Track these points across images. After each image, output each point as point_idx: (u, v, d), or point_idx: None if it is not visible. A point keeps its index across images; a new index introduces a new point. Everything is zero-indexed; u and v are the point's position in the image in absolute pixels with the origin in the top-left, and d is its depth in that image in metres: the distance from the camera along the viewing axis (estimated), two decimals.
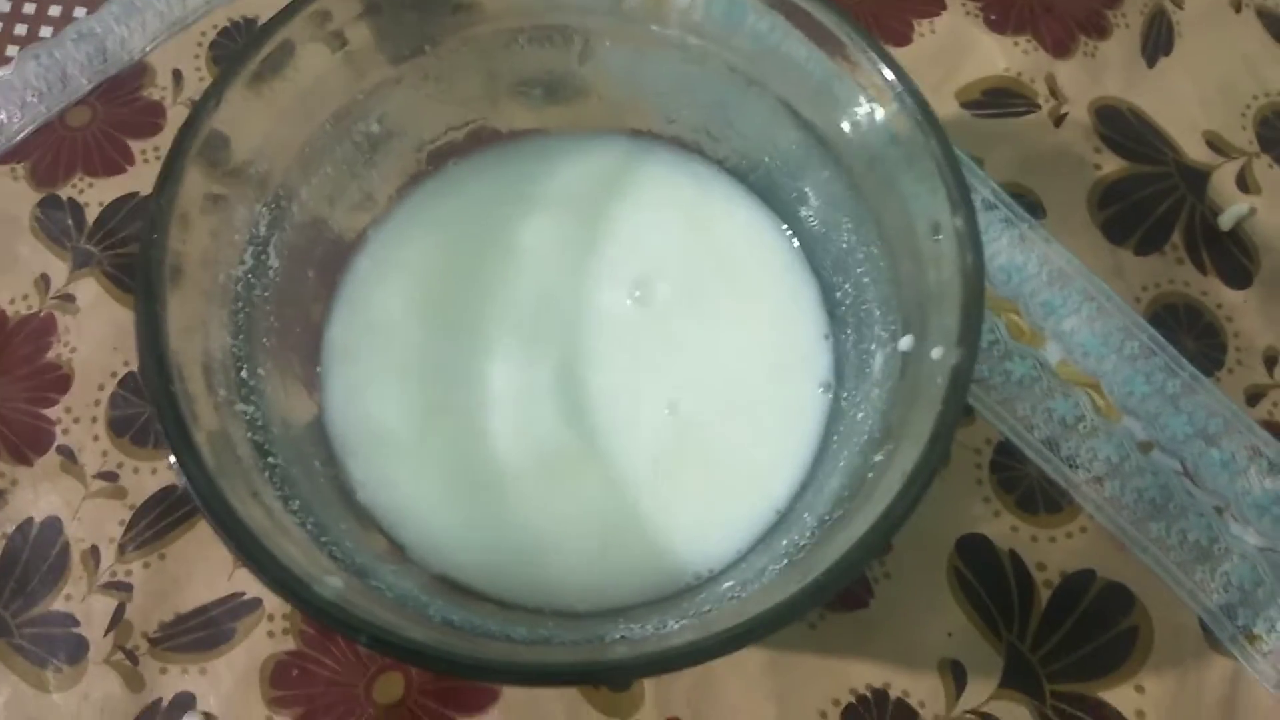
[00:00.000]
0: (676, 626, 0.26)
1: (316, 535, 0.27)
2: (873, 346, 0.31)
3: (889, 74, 0.29)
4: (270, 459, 0.28)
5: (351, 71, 0.32)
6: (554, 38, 0.34)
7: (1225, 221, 0.42)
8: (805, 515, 0.29)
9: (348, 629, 0.23)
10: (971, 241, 0.26)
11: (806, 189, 0.34)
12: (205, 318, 0.27)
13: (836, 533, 0.26)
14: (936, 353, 0.26)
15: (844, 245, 0.33)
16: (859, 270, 0.32)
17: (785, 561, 0.27)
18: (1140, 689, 0.35)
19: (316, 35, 0.30)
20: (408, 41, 0.33)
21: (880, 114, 0.29)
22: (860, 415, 0.30)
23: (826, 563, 0.24)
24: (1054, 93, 0.44)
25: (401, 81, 0.33)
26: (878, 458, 0.27)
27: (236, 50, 0.28)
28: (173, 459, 0.24)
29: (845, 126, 0.31)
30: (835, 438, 0.32)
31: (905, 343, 0.29)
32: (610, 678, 0.28)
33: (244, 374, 0.28)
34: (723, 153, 0.37)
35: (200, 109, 0.28)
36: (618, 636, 0.26)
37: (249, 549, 0.23)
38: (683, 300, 0.34)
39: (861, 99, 0.30)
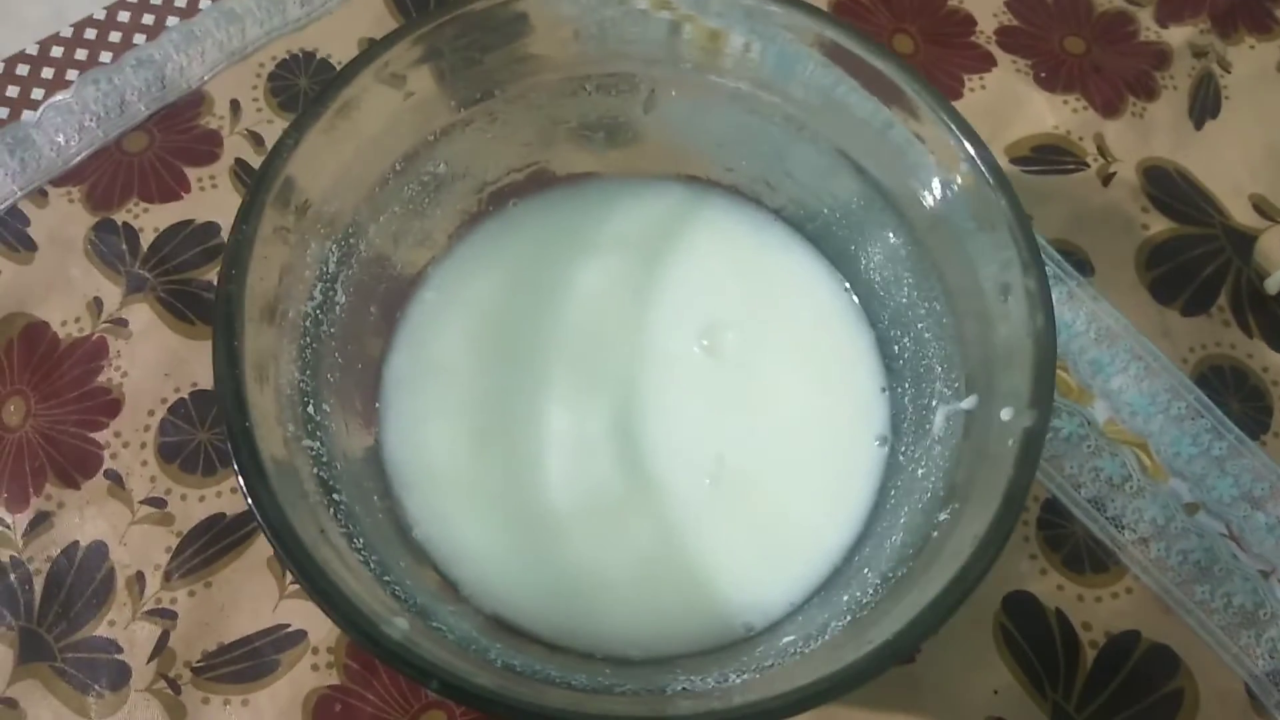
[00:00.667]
0: (739, 681, 0.26)
1: (380, 574, 0.27)
2: (934, 403, 0.31)
3: (957, 130, 0.29)
4: (335, 495, 0.28)
5: (421, 115, 0.32)
6: (620, 85, 0.34)
7: (1272, 285, 0.42)
8: (866, 571, 0.29)
9: (419, 673, 0.23)
10: (1043, 303, 0.26)
11: (866, 241, 0.34)
12: (276, 353, 0.28)
13: (903, 592, 0.26)
14: (1006, 414, 0.26)
15: (904, 300, 0.33)
16: (919, 325, 0.32)
17: (849, 618, 0.27)
18: None
19: (385, 82, 0.30)
20: (477, 86, 0.33)
21: (948, 171, 0.29)
22: (920, 472, 0.30)
23: (897, 624, 0.24)
24: (1102, 152, 0.44)
25: (470, 125, 0.34)
26: (943, 516, 0.27)
27: (312, 97, 0.29)
28: (246, 493, 0.24)
29: (909, 182, 0.31)
30: (893, 493, 0.32)
31: (970, 402, 0.29)
32: None
33: (310, 409, 0.29)
34: (780, 202, 0.37)
35: (276, 152, 0.28)
36: (679, 688, 0.26)
37: (322, 587, 0.23)
38: (745, 349, 0.34)
39: (927, 155, 0.30)
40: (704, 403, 0.34)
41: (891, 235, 0.32)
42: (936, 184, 0.30)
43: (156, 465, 0.37)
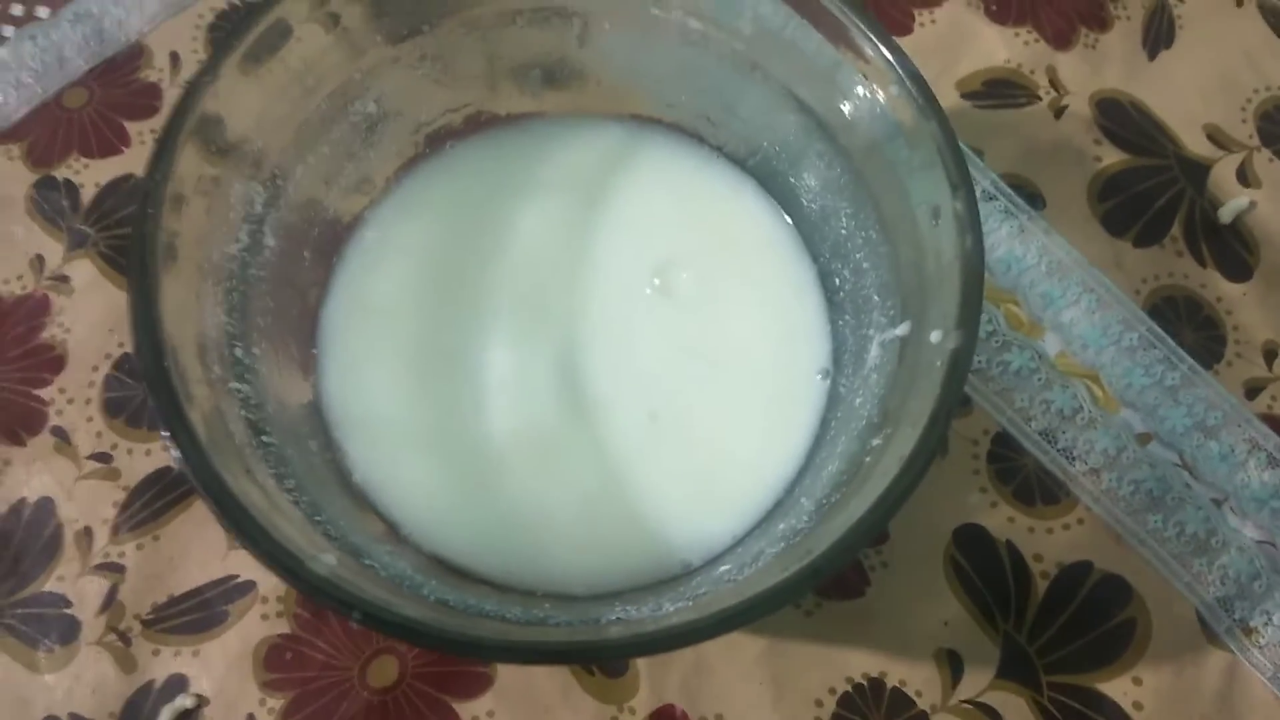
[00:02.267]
0: (672, 609, 0.26)
1: (311, 514, 0.27)
2: (871, 332, 0.31)
3: (890, 57, 0.29)
4: (265, 438, 0.27)
5: (347, 51, 0.32)
6: (553, 19, 0.34)
7: (1225, 215, 0.42)
8: (803, 500, 0.29)
9: (340, 605, 0.22)
10: (971, 224, 0.26)
11: (805, 174, 0.34)
12: (199, 295, 0.27)
13: (833, 516, 0.26)
14: (935, 336, 0.26)
15: (843, 231, 0.32)
16: (858, 256, 0.32)
17: (782, 545, 0.27)
18: (1138, 681, 0.35)
19: (311, 14, 0.30)
20: (405, 21, 0.33)
21: (881, 97, 0.29)
22: (859, 401, 0.30)
23: (823, 545, 0.24)
24: (1054, 84, 0.44)
25: (399, 61, 0.33)
26: (875, 442, 0.27)
27: (230, 28, 0.28)
28: (166, 435, 0.23)
29: (846, 110, 0.31)
30: (833, 424, 0.31)
31: (903, 328, 0.28)
32: (603, 657, 0.28)
33: (238, 352, 0.28)
34: (722, 138, 0.36)
35: (193, 88, 0.27)
36: (614, 618, 0.26)
37: (242, 525, 0.23)
38: (696, 287, 0.34)
39: (862, 83, 0.30)
40: (649, 341, 0.33)
41: (829, 166, 0.32)
42: (870, 110, 0.30)
43: (102, 420, 0.37)
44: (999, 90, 0.44)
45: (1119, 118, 0.43)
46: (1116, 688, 0.35)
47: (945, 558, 0.36)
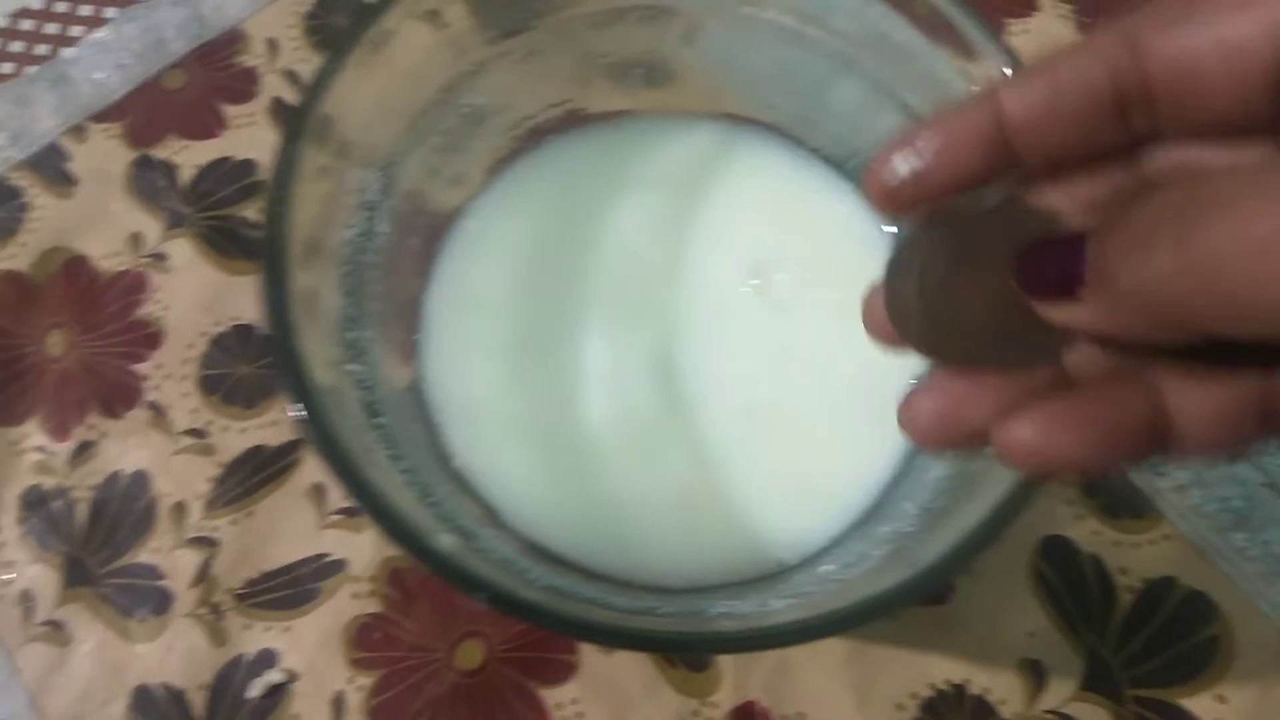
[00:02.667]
0: (780, 605, 0.26)
1: (423, 496, 0.27)
2: None
3: (1004, 61, 0.29)
4: (378, 419, 0.28)
5: (457, 48, 0.32)
6: (660, 17, 0.34)
7: None
8: (905, 504, 0.29)
9: (470, 584, 0.23)
10: None
11: None
12: (322, 277, 0.28)
13: (943, 522, 0.26)
14: None
15: None
16: None
17: (888, 548, 0.27)
18: (1221, 698, 0.34)
19: (421, 14, 0.30)
20: (512, 17, 0.33)
21: None
22: None
23: (938, 550, 0.24)
24: None
25: (508, 56, 0.33)
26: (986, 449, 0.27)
27: (345, 31, 0.29)
28: (295, 411, 0.24)
29: None
30: None
31: None
32: (721, 649, 0.28)
33: (353, 335, 0.29)
34: (820, 139, 0.37)
35: (317, 83, 0.28)
36: (719, 611, 0.26)
37: (373, 500, 0.23)
38: (792, 289, 0.34)
39: (969, 83, 0.30)
40: (746, 340, 0.34)
41: None
42: None
43: (198, 397, 0.38)
44: None
45: None
46: (1200, 704, 0.34)
47: (1030, 568, 0.36)
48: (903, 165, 0.19)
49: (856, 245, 0.35)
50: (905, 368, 0.33)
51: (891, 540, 0.27)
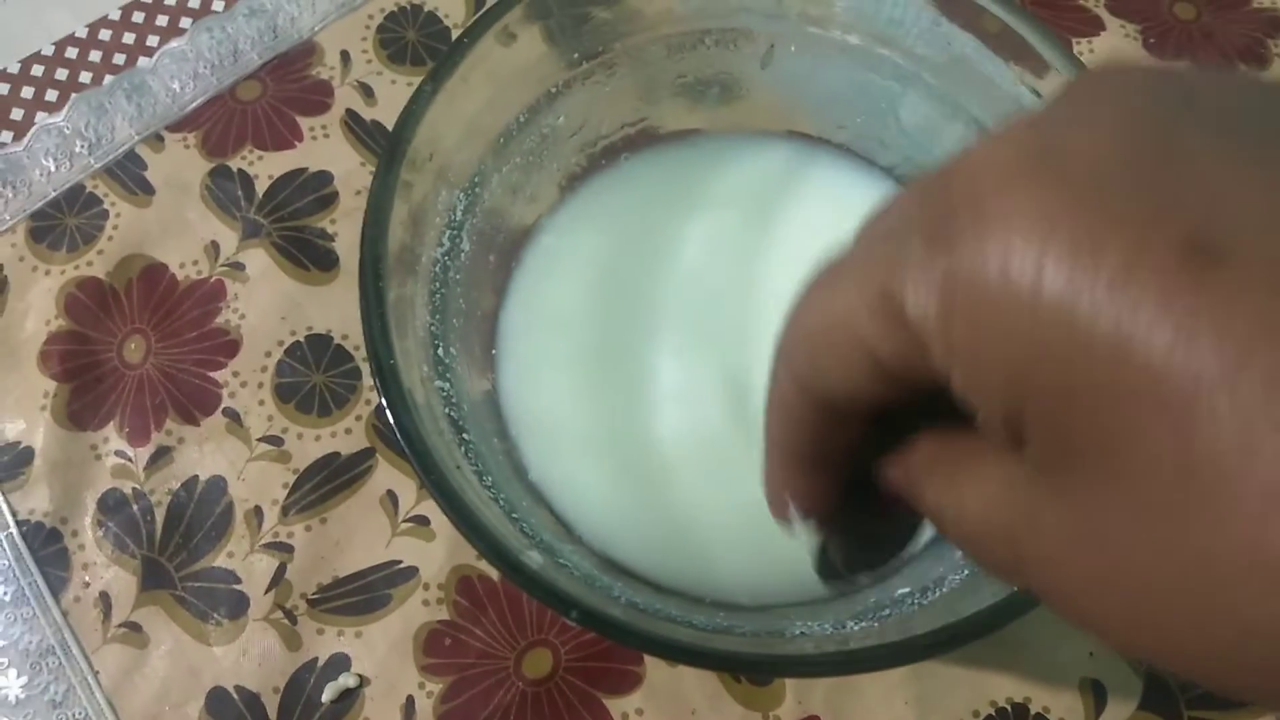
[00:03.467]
0: (856, 628, 0.27)
1: (508, 511, 0.28)
2: None
3: (1074, 73, 0.29)
4: (464, 435, 0.29)
5: (539, 71, 0.33)
6: (739, 41, 0.35)
7: None
8: None
9: (560, 602, 0.23)
10: None
11: None
12: (412, 297, 0.29)
13: None
14: None
15: None
16: None
17: (965, 572, 0.27)
18: None
19: (501, 41, 0.31)
20: (594, 41, 0.34)
21: None
22: None
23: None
24: None
25: (590, 78, 0.34)
26: None
27: (441, 59, 0.30)
28: (395, 427, 0.25)
29: None
30: None
31: None
32: (801, 672, 0.29)
33: (440, 352, 0.29)
34: (893, 159, 0.37)
35: (410, 109, 0.29)
36: (797, 632, 0.27)
37: (468, 517, 0.24)
38: None
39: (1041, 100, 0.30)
40: None
41: None
42: None
43: (274, 405, 0.39)
44: None
45: None
46: None
47: None
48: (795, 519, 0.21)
49: None
50: None
51: (969, 565, 0.28)
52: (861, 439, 0.18)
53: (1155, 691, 0.35)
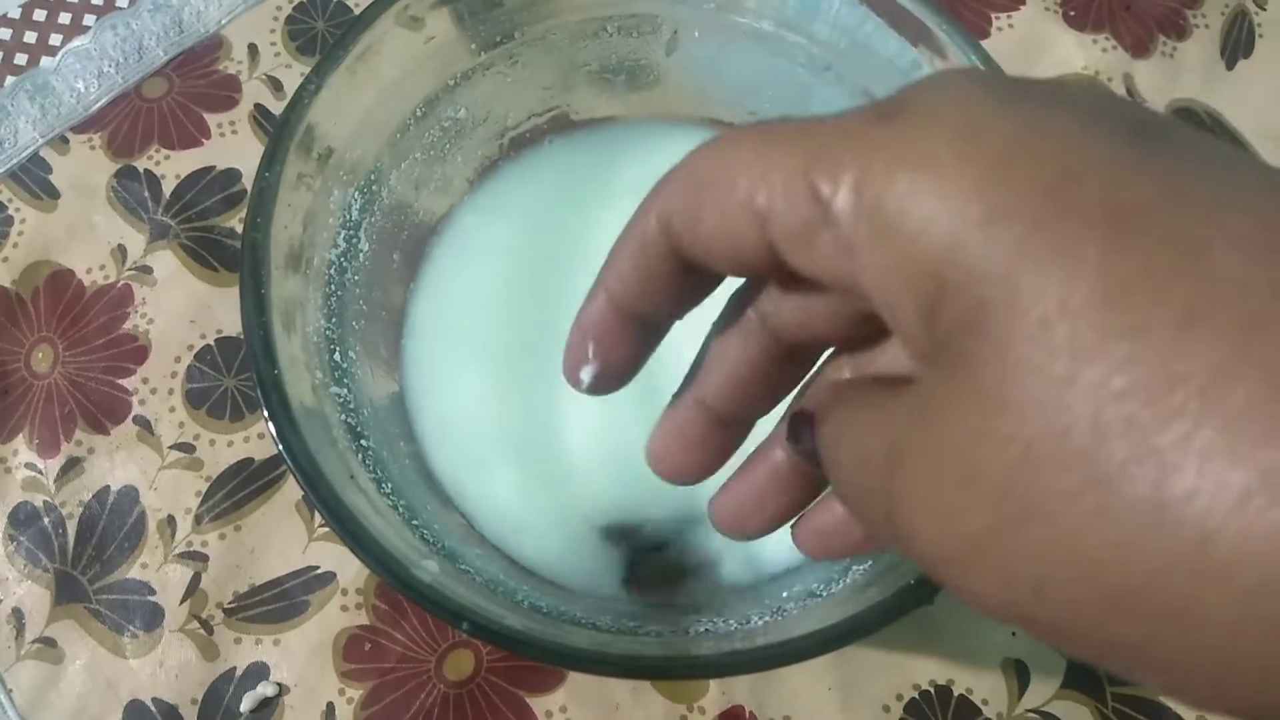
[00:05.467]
0: (760, 623, 0.26)
1: (408, 518, 0.27)
2: None
3: (978, 60, 0.29)
4: (363, 441, 0.28)
5: (441, 59, 0.32)
6: (643, 26, 0.34)
7: None
8: None
9: (450, 615, 0.23)
10: None
11: None
12: (302, 301, 0.28)
13: None
14: None
15: None
16: None
17: (870, 562, 0.27)
18: None
19: (405, 25, 0.30)
20: (497, 29, 0.33)
21: None
22: None
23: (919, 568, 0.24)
24: (1131, 92, 0.43)
25: (491, 68, 0.33)
26: None
27: (333, 42, 0.29)
28: (279, 445, 0.24)
29: None
30: None
31: None
32: (701, 674, 0.29)
33: (337, 356, 0.29)
34: None
35: (298, 99, 0.28)
36: (702, 630, 0.27)
37: (353, 530, 0.24)
38: None
39: None
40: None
41: None
42: None
43: (185, 411, 0.38)
44: None
45: (1195, 127, 0.43)
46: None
47: None
48: (585, 374, 0.21)
49: None
50: None
51: (874, 554, 0.28)
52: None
53: (1078, 670, 0.35)
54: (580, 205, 0.36)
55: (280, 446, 0.24)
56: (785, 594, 0.29)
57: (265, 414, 0.24)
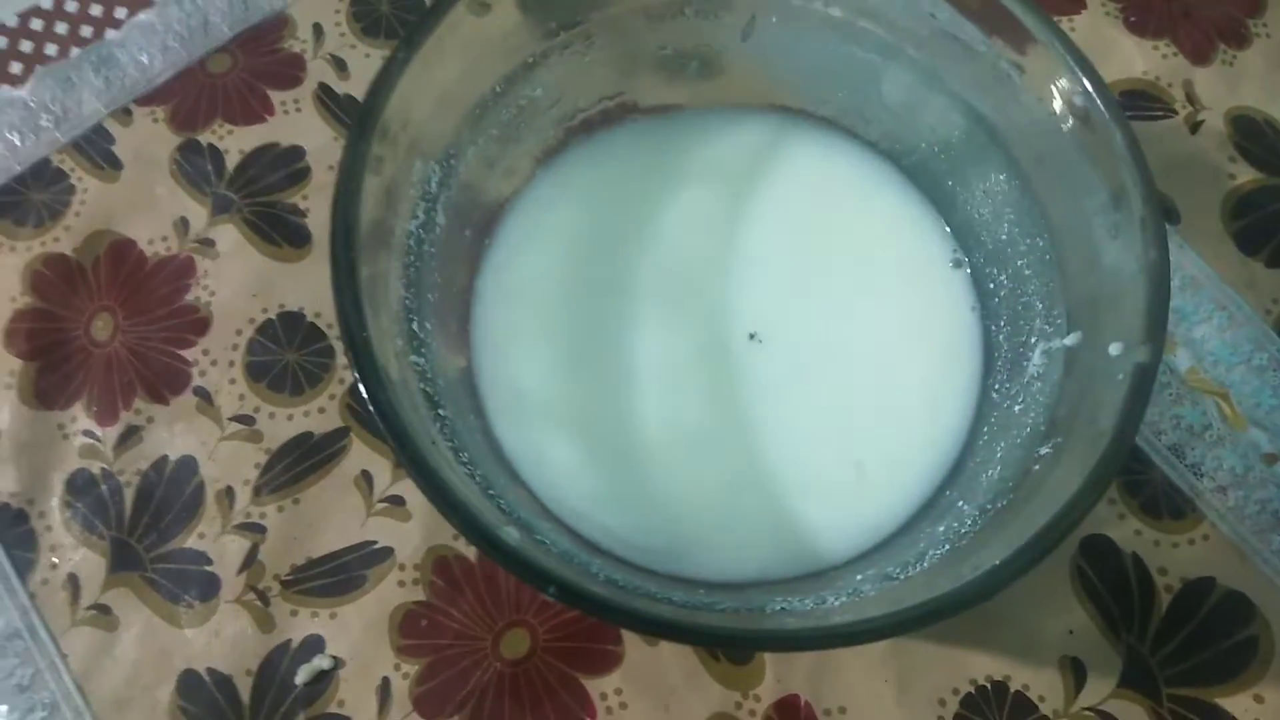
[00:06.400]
0: (836, 604, 0.26)
1: (484, 488, 0.27)
2: (1033, 339, 0.31)
3: (1070, 59, 0.29)
4: (440, 410, 0.28)
5: (513, 41, 0.32)
6: (720, 12, 0.34)
7: None
8: (961, 504, 0.29)
9: (538, 577, 0.23)
10: (1157, 237, 0.26)
11: (967, 176, 0.34)
12: (386, 269, 0.28)
13: (1004, 523, 0.26)
14: (1115, 349, 0.26)
15: (1003, 236, 0.33)
16: (1019, 262, 0.32)
17: (946, 547, 0.27)
18: (1259, 698, 0.35)
19: (475, 10, 0.30)
20: (572, 10, 0.33)
21: (1059, 103, 0.29)
22: (1018, 408, 0.30)
23: (1000, 553, 0.24)
24: (1191, 99, 0.44)
25: (567, 49, 0.33)
26: (1044, 450, 0.27)
27: (411, 26, 0.29)
28: (370, 401, 0.24)
29: (1015, 114, 0.31)
30: (986, 429, 0.32)
31: (1073, 338, 0.29)
32: (781, 647, 0.29)
33: (414, 326, 0.29)
34: (875, 135, 0.37)
35: (380, 83, 0.28)
36: (778, 608, 0.27)
37: (441, 490, 0.24)
38: (842, 284, 0.34)
39: (1035, 86, 0.30)
40: (797, 335, 0.34)
41: (995, 170, 0.32)
42: (1045, 116, 0.30)
43: (245, 384, 0.38)
44: (1135, 102, 0.43)
45: (1254, 136, 0.43)
46: (1237, 704, 0.35)
47: (1071, 566, 0.36)
48: None
49: (912, 243, 0.35)
50: (959, 366, 0.34)
51: (950, 539, 0.28)
52: None
53: (1134, 670, 0.35)
54: (647, 190, 0.36)
55: (372, 406, 0.24)
56: (861, 578, 0.29)
57: (355, 374, 0.24)
